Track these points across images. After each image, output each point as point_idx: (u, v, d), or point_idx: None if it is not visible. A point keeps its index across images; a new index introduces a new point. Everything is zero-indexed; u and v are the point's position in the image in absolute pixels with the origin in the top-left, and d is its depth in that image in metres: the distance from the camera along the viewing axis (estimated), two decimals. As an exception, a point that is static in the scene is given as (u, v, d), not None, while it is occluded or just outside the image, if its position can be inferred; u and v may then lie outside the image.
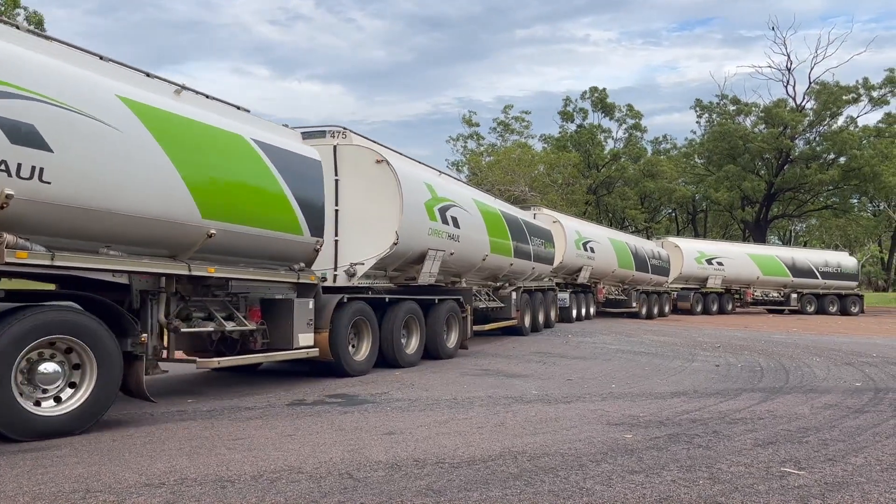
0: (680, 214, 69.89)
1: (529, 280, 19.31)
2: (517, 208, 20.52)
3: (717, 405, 8.46)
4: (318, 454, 5.72)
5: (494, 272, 16.60)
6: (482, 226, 14.92)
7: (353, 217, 11.19)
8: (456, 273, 14.38)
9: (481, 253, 14.85)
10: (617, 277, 27.95)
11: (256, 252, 8.77)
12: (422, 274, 12.25)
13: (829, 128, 53.09)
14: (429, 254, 12.19)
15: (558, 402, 8.60)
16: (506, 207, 18.18)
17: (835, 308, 37.37)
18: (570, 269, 24.26)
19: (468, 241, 13.93)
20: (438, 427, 6.91)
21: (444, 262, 12.81)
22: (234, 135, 8.36)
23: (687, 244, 34.96)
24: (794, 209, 58.34)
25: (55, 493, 4.60)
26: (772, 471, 5.44)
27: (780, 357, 14.33)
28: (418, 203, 11.96)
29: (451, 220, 13.12)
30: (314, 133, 11.24)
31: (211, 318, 8.39)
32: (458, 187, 15.10)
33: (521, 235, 17.60)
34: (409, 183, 11.59)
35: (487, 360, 12.99)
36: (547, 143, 62.02)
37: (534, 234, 19.06)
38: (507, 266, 16.73)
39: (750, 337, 20.03)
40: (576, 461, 5.60)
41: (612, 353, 14.72)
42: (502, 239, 16.15)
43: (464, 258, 13.90)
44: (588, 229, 26.46)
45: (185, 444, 6.03)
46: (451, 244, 13.00)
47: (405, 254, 11.72)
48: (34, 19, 30.23)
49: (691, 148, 61.37)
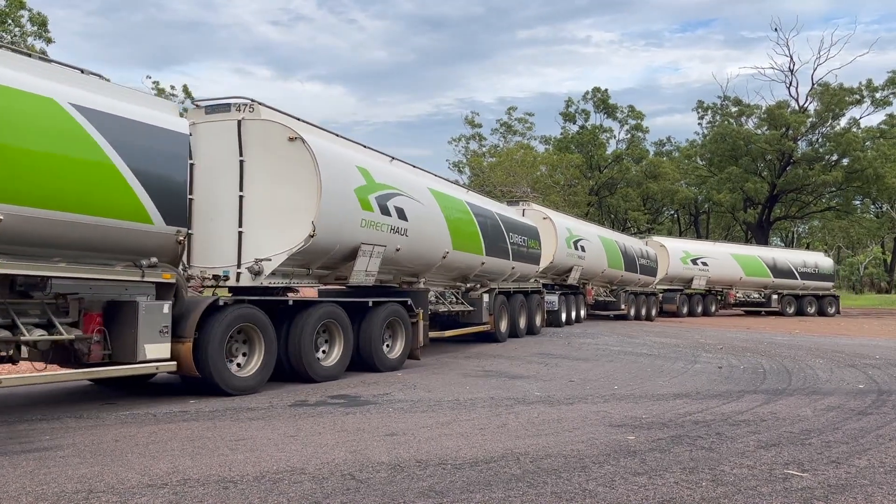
0: (682, 216, 69.80)
1: (510, 281, 17.89)
2: (495, 202, 18.88)
3: (720, 407, 8.45)
4: (321, 455, 5.72)
5: (464, 272, 15.27)
6: (440, 219, 13.28)
7: (263, 205, 9.60)
8: (412, 272, 13.12)
9: (440, 249, 13.29)
10: (606, 278, 26.66)
11: (82, 244, 7.24)
12: (354, 273, 10.73)
13: (831, 129, 52.97)
14: (362, 249, 10.64)
15: (561, 403, 8.60)
16: (477, 199, 16.64)
17: (812, 309, 36.84)
18: (560, 269, 22.85)
19: (421, 235, 12.38)
20: (441, 428, 6.90)
21: (389, 260, 11.46)
22: (43, 98, 6.83)
23: (672, 244, 33.93)
24: (796, 211, 58.22)
25: (58, 493, 4.60)
26: (775, 473, 5.43)
27: (783, 359, 14.31)
28: (345, 190, 10.33)
29: (396, 211, 11.57)
30: (218, 107, 9.89)
31: (14, 326, 6.77)
32: (409, 175, 13.08)
33: (496, 232, 16.24)
34: (332, 165, 10.03)
35: (489, 362, 12.98)
36: (548, 145, 61.98)
37: (514, 230, 17.58)
38: (478, 265, 15.37)
39: (752, 338, 20.00)
40: (578, 463, 5.60)
41: (615, 355, 14.71)
42: (470, 234, 14.70)
43: (416, 255, 12.53)
44: (578, 226, 25.06)
45: (188, 444, 6.03)
46: (396, 239, 11.55)
47: (330, 249, 10.18)
48: (38, 20, 30.27)
49: (693, 149, 61.29)
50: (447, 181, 15.94)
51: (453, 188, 15.73)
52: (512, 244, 17.09)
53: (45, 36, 30.66)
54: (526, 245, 18.21)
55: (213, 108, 9.93)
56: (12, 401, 8.12)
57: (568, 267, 22.95)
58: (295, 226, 9.54)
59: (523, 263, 17.99)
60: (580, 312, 24.48)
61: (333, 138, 11.11)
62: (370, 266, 11.04)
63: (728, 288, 34.51)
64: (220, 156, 9.73)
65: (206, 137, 9.77)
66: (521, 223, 18.66)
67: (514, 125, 59.57)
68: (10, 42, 29.44)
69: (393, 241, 11.50)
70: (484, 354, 14.13)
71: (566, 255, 22.63)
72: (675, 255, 32.39)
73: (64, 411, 7.47)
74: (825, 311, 37.02)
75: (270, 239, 9.52)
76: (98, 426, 6.76)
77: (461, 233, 14.17)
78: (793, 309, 36.21)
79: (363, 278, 11.02)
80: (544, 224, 21.41)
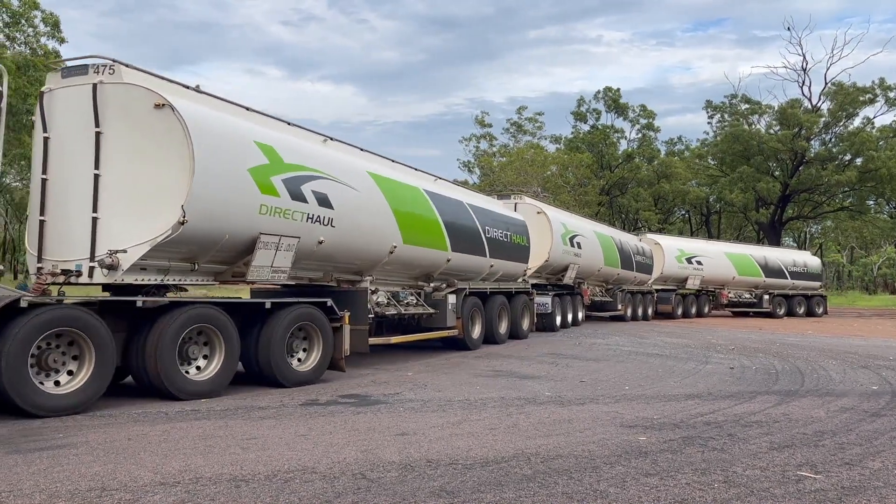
0: (694, 216, 69.52)
1: (492, 280, 16.24)
2: (473, 193, 17.01)
3: (732, 408, 8.41)
4: (332, 454, 5.73)
5: (426, 270, 13.63)
6: (384, 209, 11.66)
7: (122, 186, 8.07)
8: (352, 269, 11.61)
9: (384, 243, 11.69)
10: (602, 276, 25.10)
11: None
12: (253, 268, 9.08)
13: (845, 129, 52.66)
14: (262, 241, 9.00)
15: (571, 403, 8.58)
16: (445, 189, 14.73)
17: (802, 309, 35.63)
18: (555, 268, 21.18)
19: (354, 226, 10.84)
20: (451, 428, 6.90)
21: (309, 254, 10.09)
22: None
23: (668, 241, 32.42)
24: (809, 210, 57.88)
25: (72, 491, 4.64)
26: (788, 474, 5.40)
27: (795, 360, 14.22)
28: (234, 169, 8.66)
29: (315, 198, 9.93)
30: (74, 69, 8.43)
31: None
32: (340, 156, 11.28)
33: (466, 225, 14.62)
34: (213, 138, 8.41)
35: (499, 362, 12.97)
36: (559, 144, 61.90)
37: (494, 224, 15.93)
38: (443, 262, 13.68)
39: (764, 339, 19.89)
40: (589, 463, 5.59)
41: (625, 355, 14.66)
42: (428, 227, 13.06)
43: (350, 249, 10.97)
44: (574, 221, 23.34)
45: (200, 443, 6.06)
46: (316, 230, 9.98)
47: (215, 240, 8.51)
48: (50, 20, 30.49)
49: (704, 149, 61.03)
50: (410, 168, 13.96)
51: (412, 175, 13.77)
52: (489, 239, 15.52)
53: (58, 36, 30.90)
54: (509, 240, 16.58)
55: (70, 70, 8.47)
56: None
57: (564, 265, 21.46)
58: (161, 211, 7.95)
59: (506, 261, 16.39)
60: (577, 314, 22.91)
61: (224, 107, 9.30)
62: (278, 261, 9.37)
63: (720, 288, 33.36)
64: (75, 127, 8.29)
65: (62, 106, 8.43)
66: (503, 216, 17.03)
67: (525, 125, 59.54)
68: (24, 42, 29.71)
69: (312, 232, 9.90)
70: (494, 355, 14.12)
71: (562, 253, 21.08)
72: (670, 254, 31.01)
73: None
74: (814, 311, 36.11)
75: (130, 227, 7.95)
76: (111, 424, 6.80)
77: (416, 225, 12.57)
78: (783, 310, 35.00)
79: (268, 275, 9.40)
80: (538, 219, 19.88)
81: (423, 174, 14.48)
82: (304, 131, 10.96)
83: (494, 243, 15.74)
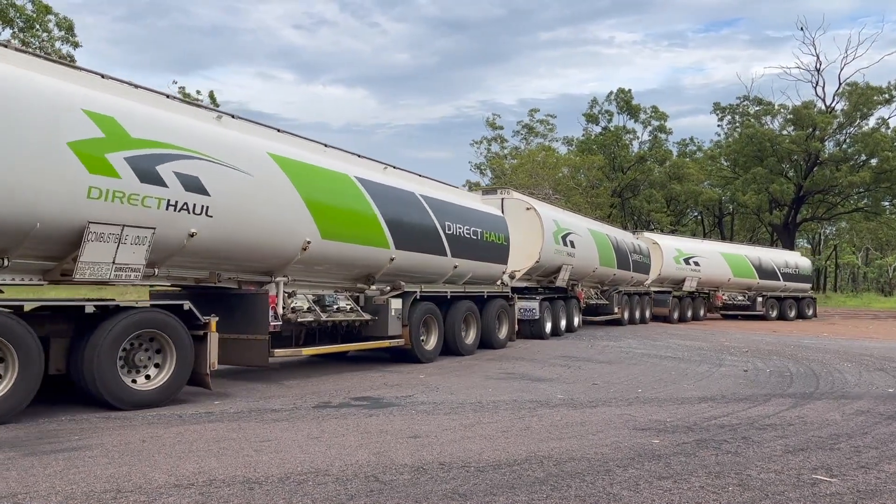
0: (706, 217, 69.19)
1: (460, 284, 14.53)
2: (435, 182, 14.66)
3: (746, 411, 8.36)
4: (344, 457, 5.75)
5: (363, 270, 11.94)
6: (291, 197, 10.01)
7: None
8: (252, 268, 10.03)
9: (293, 238, 10.09)
10: (597, 277, 23.21)
11: None
12: (83, 264, 7.57)
13: (859, 129, 52.27)
14: (91, 231, 7.49)
15: (584, 406, 8.55)
16: (383, 176, 12.72)
17: (793, 312, 34.42)
18: (547, 270, 19.25)
19: (244, 216, 9.26)
20: (464, 430, 6.90)
21: (178, 249, 8.51)
22: None
23: (666, 241, 30.73)
24: (823, 212, 57.47)
25: (87, 493, 4.67)
26: (803, 478, 5.36)
27: (810, 362, 14.12)
28: (47, 141, 7.16)
29: (179, 181, 8.31)
30: None
31: None
32: (229, 133, 9.50)
33: (418, 219, 12.85)
34: (10, 101, 6.96)
35: (511, 364, 12.95)
36: (570, 146, 61.81)
37: (459, 220, 14.13)
38: (385, 261, 11.99)
39: (778, 341, 19.75)
40: (602, 466, 5.57)
41: (638, 358, 14.60)
42: (359, 220, 11.37)
43: (240, 244, 9.36)
44: (567, 218, 21.35)
45: (213, 445, 6.09)
46: (184, 220, 8.35)
47: (25, 229, 7.10)
48: (64, 25, 30.78)
49: (717, 150, 60.76)
50: (346, 153, 12.18)
51: (344, 161, 11.85)
52: (452, 237, 13.68)
53: (72, 40, 31.20)
54: (480, 239, 14.79)
55: None
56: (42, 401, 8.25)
57: (556, 266, 19.46)
58: None
59: (476, 262, 14.69)
60: (573, 320, 20.79)
61: (42, 66, 7.66)
62: (123, 256, 7.86)
63: (714, 290, 31.99)
64: None
65: None
66: (473, 212, 15.06)
67: (536, 127, 59.49)
68: (39, 47, 29.99)
69: (175, 222, 8.31)
70: (506, 357, 14.10)
71: (554, 253, 19.15)
72: (668, 254, 29.36)
73: (92, 412, 7.58)
74: (804, 313, 35.14)
75: None
76: (125, 427, 6.85)
77: (341, 218, 10.93)
78: (775, 312, 33.78)
79: (109, 273, 7.84)
80: (527, 216, 18.19)
81: (366, 161, 12.58)
82: (184, 105, 9.38)
83: (459, 241, 13.96)
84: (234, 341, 9.59)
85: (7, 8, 28.66)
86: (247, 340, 9.64)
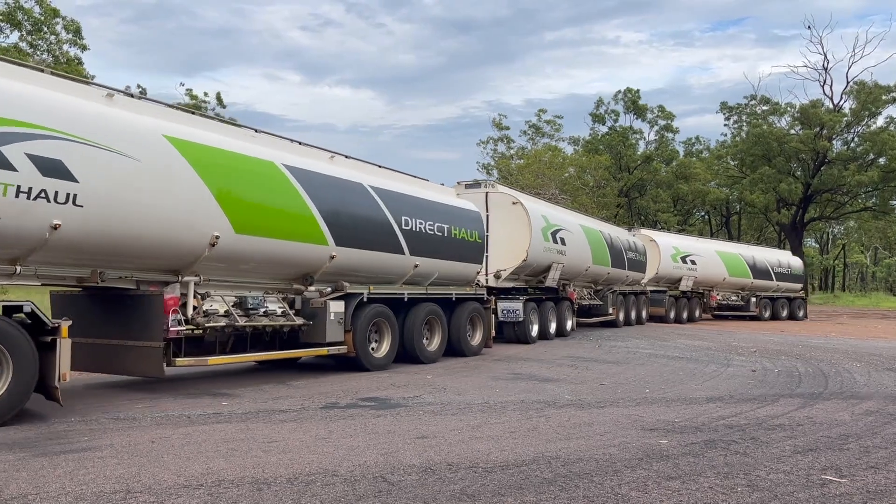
0: (713, 217, 68.99)
1: (426, 285, 13.15)
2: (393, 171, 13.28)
3: (755, 411, 8.33)
4: (353, 457, 5.75)
5: (298, 269, 10.72)
6: (194, 185, 8.83)
7: None
8: (164, 267, 8.95)
9: (198, 232, 8.90)
10: (590, 277, 21.82)
11: None
12: None
13: (867, 128, 52.00)
14: None
15: (591, 406, 8.54)
16: (325, 165, 11.39)
17: (785, 312, 33.68)
18: (536, 269, 18.02)
19: (125, 207, 8.07)
20: (471, 431, 6.90)
21: (46, 244, 7.45)
22: None
23: (663, 238, 29.54)
24: (831, 211, 57.22)
25: (97, 493, 4.69)
26: (812, 478, 5.34)
27: (819, 362, 14.06)
28: None
29: (34, 164, 7.20)
30: None
31: None
32: (110, 111, 8.27)
33: (366, 213, 11.52)
34: None
35: (519, 365, 12.95)
36: (577, 146, 61.72)
37: (420, 214, 12.71)
38: (325, 259, 10.77)
39: (786, 341, 19.68)
40: (610, 466, 5.56)
41: (646, 358, 14.57)
42: (287, 214, 10.16)
43: (124, 239, 8.20)
44: (556, 213, 20.13)
45: (222, 446, 6.11)
46: (37, 209, 7.24)
47: None
48: (71, 27, 30.91)
49: (724, 149, 60.57)
50: (290, 141, 11.19)
51: (272, 146, 10.63)
52: (409, 232, 12.33)
53: (79, 43, 31.32)
54: (447, 235, 13.36)
55: None
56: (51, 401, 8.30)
57: (546, 265, 18.19)
58: None
59: (444, 261, 13.33)
60: (565, 323, 19.41)
61: None
62: None
63: (709, 289, 30.77)
64: None
65: None
66: (441, 205, 13.72)
67: (543, 127, 59.43)
68: (47, 49, 30.16)
69: (33, 211, 7.22)
70: (514, 358, 14.09)
71: (543, 250, 17.84)
72: (666, 252, 28.06)
73: (102, 412, 7.61)
74: (795, 314, 34.32)
75: None
76: (134, 427, 6.88)
77: (260, 210, 9.76)
78: (768, 313, 32.95)
79: None
80: (514, 211, 17.08)
81: (307, 148, 11.36)
82: (62, 81, 8.16)
83: (420, 238, 12.61)
84: (129, 349, 8.63)
85: (15, 11, 28.81)
86: (140, 348, 8.55)
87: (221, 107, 41.78)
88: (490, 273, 16.55)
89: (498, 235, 16.12)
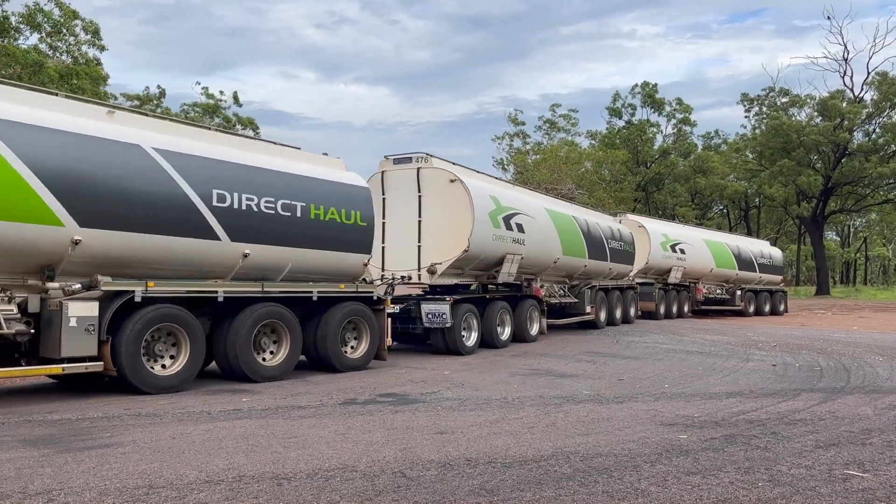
0: (732, 211, 68.43)
1: (278, 280, 10.37)
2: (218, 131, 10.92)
3: (776, 405, 8.26)
4: (371, 453, 5.78)
5: (22, 258, 7.93)
6: None
7: None
8: None
9: None
10: (561, 270, 18.35)
11: None
12: None
13: (889, 119, 51.30)
14: None
15: (610, 402, 8.52)
16: (86, 121, 8.50)
17: (768, 307, 31.22)
18: (485, 261, 14.67)
19: None
20: (490, 427, 6.91)
21: None
22: None
23: (653, 225, 26.18)
24: (852, 204, 56.56)
25: (120, 488, 4.75)
26: (834, 473, 5.29)
27: (840, 356, 13.91)
28: None
29: None
30: None
31: None
32: None
33: (140, 186, 8.61)
34: None
35: (536, 360, 12.93)
36: (594, 140, 61.47)
37: (252, 188, 9.77)
38: (61, 245, 8.00)
39: (807, 335, 19.49)
40: (630, 462, 5.54)
41: (664, 353, 14.50)
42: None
43: None
44: (512, 194, 16.52)
45: (242, 442, 6.16)
46: None
47: None
48: (90, 28, 31.18)
49: (742, 142, 60.03)
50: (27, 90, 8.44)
51: None
52: (227, 210, 9.45)
53: (98, 44, 31.59)
54: (304, 216, 10.41)
55: None
56: (74, 398, 8.40)
57: (497, 256, 14.85)
58: None
59: (301, 249, 10.46)
60: (527, 325, 16.06)
61: None
62: None
63: (695, 281, 27.60)
64: None
65: None
66: (294, 177, 10.54)
67: (559, 122, 59.23)
68: (66, 51, 30.46)
69: None
70: (531, 353, 14.07)
71: (492, 239, 14.52)
72: (655, 240, 24.83)
73: (123, 409, 7.70)
74: (777, 308, 31.80)
75: None
76: (156, 424, 6.95)
77: None
78: (753, 307, 30.34)
79: None
80: (452, 190, 13.89)
81: (70, 102, 8.77)
82: None
83: (248, 219, 9.74)
84: None
85: (35, 13, 29.11)
86: None
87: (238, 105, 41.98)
88: (423, 268, 13.83)
89: (433, 220, 13.71)
